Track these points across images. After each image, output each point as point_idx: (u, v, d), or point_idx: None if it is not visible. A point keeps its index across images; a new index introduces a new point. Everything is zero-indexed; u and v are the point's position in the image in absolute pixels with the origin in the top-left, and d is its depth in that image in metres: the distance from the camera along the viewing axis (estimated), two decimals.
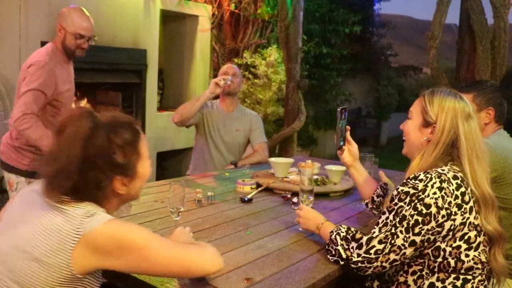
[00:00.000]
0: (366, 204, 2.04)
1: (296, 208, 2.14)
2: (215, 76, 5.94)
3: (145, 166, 1.36)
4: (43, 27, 3.89)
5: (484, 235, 1.52)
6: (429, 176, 1.49)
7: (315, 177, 2.56)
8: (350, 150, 2.03)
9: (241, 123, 3.36)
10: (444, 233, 1.47)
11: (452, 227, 1.46)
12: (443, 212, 1.45)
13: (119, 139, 1.27)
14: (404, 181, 1.53)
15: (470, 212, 1.49)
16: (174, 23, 5.64)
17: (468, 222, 1.48)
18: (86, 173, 1.21)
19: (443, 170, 1.52)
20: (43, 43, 3.85)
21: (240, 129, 3.35)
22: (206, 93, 3.15)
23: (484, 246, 1.53)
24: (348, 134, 2.02)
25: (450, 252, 1.48)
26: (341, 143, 2.00)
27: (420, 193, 1.46)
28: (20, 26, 3.74)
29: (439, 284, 1.49)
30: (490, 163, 1.74)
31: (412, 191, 1.48)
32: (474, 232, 1.50)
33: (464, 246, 1.48)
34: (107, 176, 1.25)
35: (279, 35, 5.09)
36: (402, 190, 1.50)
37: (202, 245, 1.37)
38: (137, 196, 1.39)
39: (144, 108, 4.88)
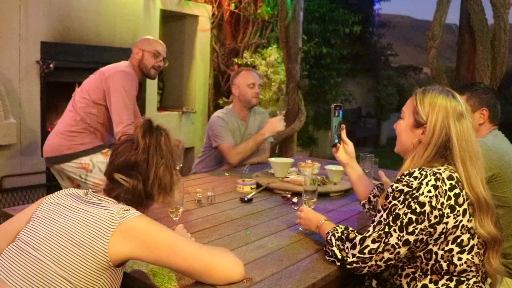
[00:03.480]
0: (363, 205, 2.01)
1: (296, 208, 2.15)
2: (216, 76, 6.00)
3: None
4: (43, 27, 3.89)
5: (478, 237, 1.49)
6: (424, 173, 1.47)
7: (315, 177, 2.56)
8: (346, 149, 2.00)
9: (253, 127, 3.33)
10: (436, 235, 1.45)
11: (444, 230, 1.44)
12: (435, 212, 1.42)
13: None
14: (399, 177, 1.51)
15: (464, 215, 1.46)
16: (174, 23, 5.64)
17: (461, 225, 1.45)
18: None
19: (439, 169, 1.50)
20: (43, 43, 3.87)
21: (252, 133, 3.31)
22: (265, 135, 3.09)
23: (478, 248, 1.50)
24: (343, 132, 1.99)
25: (442, 255, 1.47)
26: (336, 141, 1.97)
27: (414, 191, 1.44)
28: (20, 26, 3.74)
29: (432, 286, 1.48)
30: (487, 162, 1.74)
31: (406, 189, 1.45)
32: (467, 235, 1.47)
33: (456, 249, 1.46)
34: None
35: (279, 35, 5.09)
36: (396, 187, 1.48)
37: (226, 251, 1.44)
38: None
39: (144, 108, 4.88)
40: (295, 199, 2.27)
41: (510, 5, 3.84)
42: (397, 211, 1.45)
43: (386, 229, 1.45)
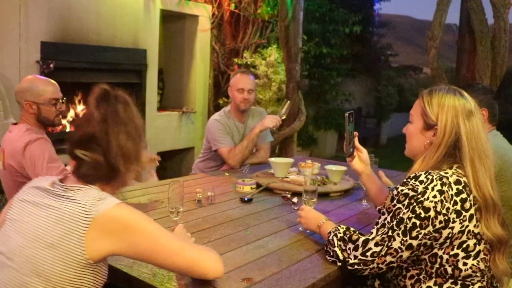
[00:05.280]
0: (379, 210, 1.97)
1: (296, 208, 2.15)
2: (216, 76, 6.00)
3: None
4: (43, 27, 3.89)
5: (485, 243, 1.48)
6: (430, 177, 1.45)
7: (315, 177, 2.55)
8: (360, 157, 1.91)
9: (251, 127, 3.29)
10: (441, 240, 1.44)
11: (450, 235, 1.43)
12: (440, 217, 1.41)
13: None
14: (405, 180, 1.49)
15: (470, 220, 1.45)
16: (174, 23, 5.64)
17: (467, 230, 1.44)
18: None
19: (447, 173, 1.48)
20: (43, 43, 3.87)
21: None
22: (256, 130, 3.12)
23: (484, 254, 1.48)
24: (356, 140, 1.91)
25: (447, 259, 1.46)
26: (351, 150, 1.90)
27: (419, 196, 1.42)
28: (20, 26, 3.74)
29: None
30: None
31: (411, 193, 1.44)
32: (474, 241, 1.46)
33: (461, 254, 1.45)
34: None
35: (279, 35, 5.10)
36: (401, 190, 1.47)
37: (208, 249, 1.40)
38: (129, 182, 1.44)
39: (144, 108, 4.88)
40: (295, 199, 2.27)
41: (510, 5, 3.85)
42: (401, 215, 1.44)
43: (390, 233, 1.44)
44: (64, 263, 1.18)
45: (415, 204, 1.42)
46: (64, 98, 2.54)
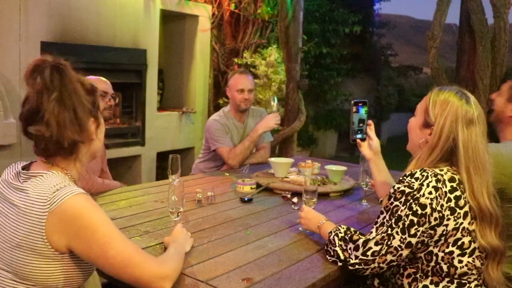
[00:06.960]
0: (381, 202, 2.00)
1: (296, 208, 2.15)
2: (216, 76, 6.00)
3: (100, 116, 1.41)
4: (43, 27, 3.89)
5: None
6: (425, 174, 1.46)
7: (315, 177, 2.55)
8: (370, 144, 2.04)
9: (251, 127, 3.29)
10: (436, 237, 1.44)
11: (444, 232, 1.44)
12: (435, 214, 1.42)
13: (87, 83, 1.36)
14: (401, 178, 1.51)
15: (465, 218, 1.45)
16: (174, 23, 5.64)
17: (461, 227, 1.45)
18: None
19: (442, 170, 1.49)
20: (43, 43, 3.86)
21: None
22: (259, 131, 3.14)
23: (480, 252, 1.48)
24: (369, 128, 2.07)
25: (442, 257, 1.46)
26: (355, 136, 2.04)
27: (415, 193, 1.43)
28: (20, 26, 3.74)
29: (432, 287, 1.48)
30: (501, 170, 1.68)
31: (407, 190, 1.45)
32: (468, 238, 1.46)
33: (457, 252, 1.45)
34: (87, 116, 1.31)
35: (279, 35, 5.09)
36: (398, 188, 1.48)
37: (163, 260, 1.34)
38: (97, 152, 1.42)
39: (144, 108, 4.88)
40: (295, 199, 2.27)
41: (510, 5, 3.84)
42: (399, 212, 1.45)
43: (389, 231, 1.45)
44: (35, 260, 1.18)
45: (411, 201, 1.43)
46: (114, 95, 2.58)
